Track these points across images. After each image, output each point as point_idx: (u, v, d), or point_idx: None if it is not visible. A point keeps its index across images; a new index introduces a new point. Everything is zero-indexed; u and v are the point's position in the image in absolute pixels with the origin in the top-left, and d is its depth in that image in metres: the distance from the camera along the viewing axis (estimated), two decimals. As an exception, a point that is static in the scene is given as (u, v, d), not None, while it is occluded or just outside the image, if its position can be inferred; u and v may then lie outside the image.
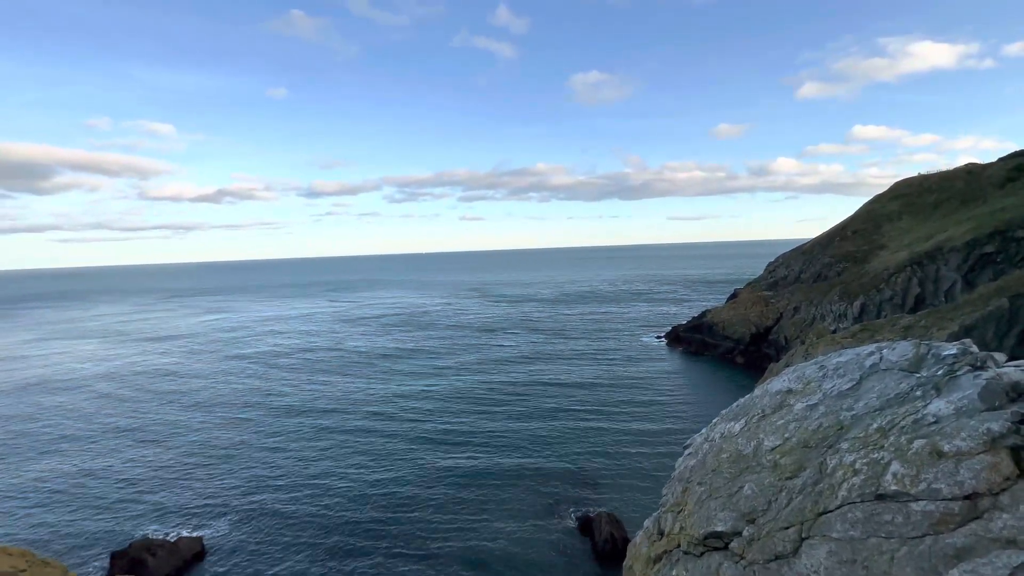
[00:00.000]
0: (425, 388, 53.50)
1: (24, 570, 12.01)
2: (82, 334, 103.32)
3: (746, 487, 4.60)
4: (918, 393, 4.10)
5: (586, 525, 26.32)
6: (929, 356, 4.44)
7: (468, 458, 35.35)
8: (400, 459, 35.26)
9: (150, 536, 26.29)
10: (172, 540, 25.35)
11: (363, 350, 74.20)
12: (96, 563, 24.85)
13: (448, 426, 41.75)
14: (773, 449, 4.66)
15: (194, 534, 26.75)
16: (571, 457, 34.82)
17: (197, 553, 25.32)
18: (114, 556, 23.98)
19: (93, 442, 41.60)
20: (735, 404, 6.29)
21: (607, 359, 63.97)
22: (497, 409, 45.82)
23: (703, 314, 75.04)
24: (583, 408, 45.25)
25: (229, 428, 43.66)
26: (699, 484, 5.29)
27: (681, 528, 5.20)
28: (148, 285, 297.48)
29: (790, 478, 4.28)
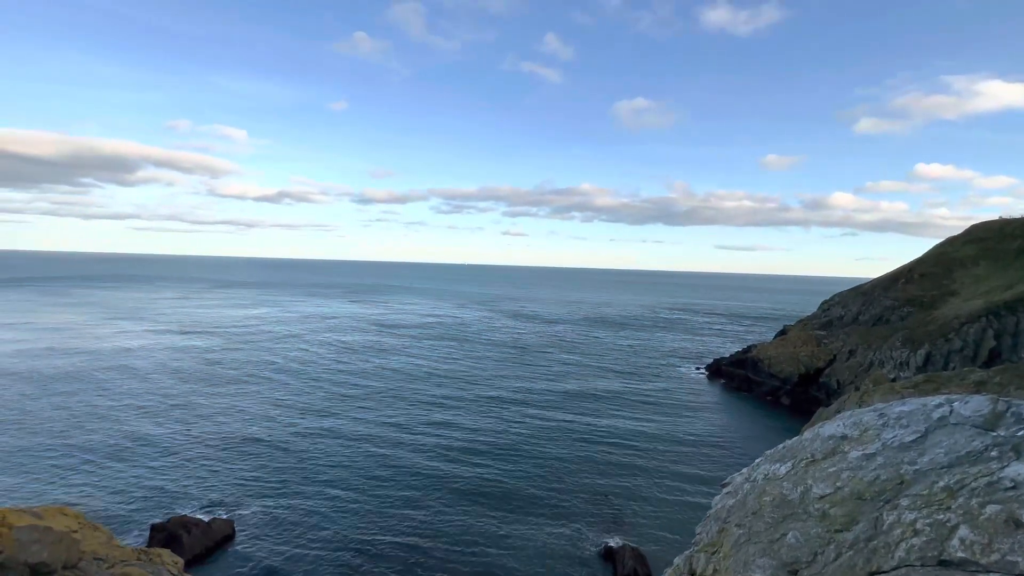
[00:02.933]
0: (454, 404, 53.84)
1: (76, 531, 12.83)
2: (151, 317, 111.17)
3: (790, 535, 4.31)
4: (993, 453, 3.74)
5: (609, 557, 25.42)
6: (1008, 414, 4.05)
7: (493, 478, 35.09)
8: (424, 474, 35.39)
9: (187, 514, 27.58)
10: (206, 520, 26.47)
11: (399, 359, 75.76)
12: (137, 532, 26.29)
13: (474, 445, 41.70)
14: (822, 497, 4.36)
15: (226, 516, 27.84)
16: (598, 485, 33.88)
17: (228, 535, 26.31)
18: (153, 528, 25.30)
19: (145, 420, 44.39)
20: (781, 445, 5.95)
21: (643, 387, 62.21)
22: (526, 432, 45.41)
23: (748, 348, 71.84)
24: (614, 435, 44.06)
25: (269, 421, 45.47)
26: (737, 526, 5.01)
27: (715, 570, 4.92)
28: (217, 276, 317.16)
29: (840, 531, 3.98)
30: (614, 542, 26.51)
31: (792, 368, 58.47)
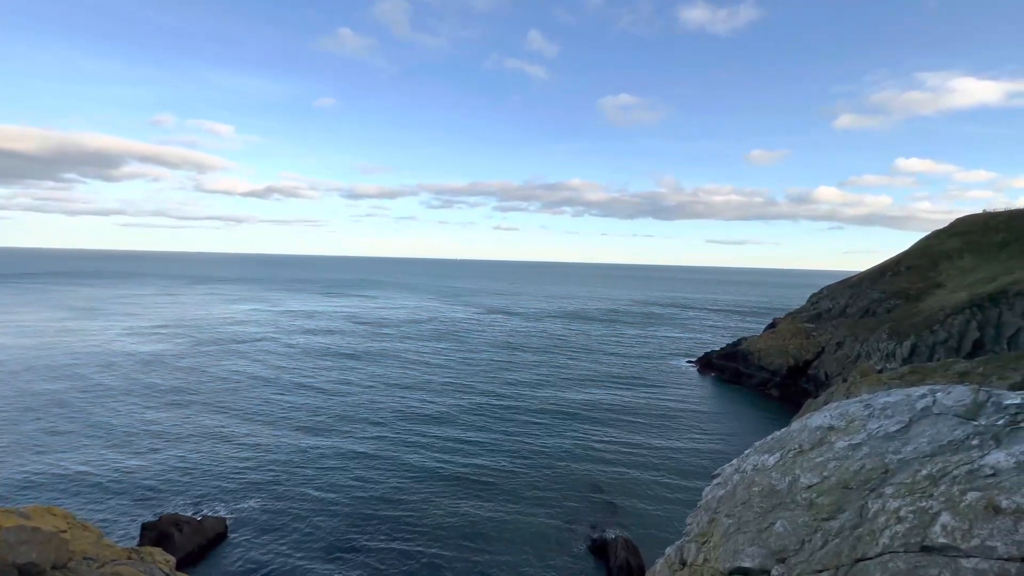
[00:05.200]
0: (443, 401, 53.87)
1: (65, 531, 12.71)
2: (134, 314, 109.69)
3: (778, 524, 4.40)
4: (975, 442, 3.83)
5: (601, 549, 25.66)
6: (989, 404, 4.15)
7: (484, 474, 35.23)
8: (414, 470, 35.36)
9: (178, 512, 27.37)
10: (198, 518, 26.29)
11: (387, 358, 75.54)
12: (127, 531, 26.07)
13: (464, 441, 41.76)
14: (810, 487, 4.45)
15: (219, 514, 27.68)
16: (589, 478, 34.15)
17: (220, 533, 26.16)
18: (144, 527, 25.07)
19: (133, 419, 43.91)
20: (770, 436, 6.04)
21: (634, 380, 62.67)
22: (516, 427, 45.59)
23: (738, 342, 72.59)
24: (606, 428, 44.39)
25: (259, 419, 45.19)
26: (727, 516, 5.09)
27: (705, 560, 5.01)
28: (204, 273, 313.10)
29: (827, 519, 4.07)
30: (606, 534, 26.78)
31: (781, 360, 59.21)
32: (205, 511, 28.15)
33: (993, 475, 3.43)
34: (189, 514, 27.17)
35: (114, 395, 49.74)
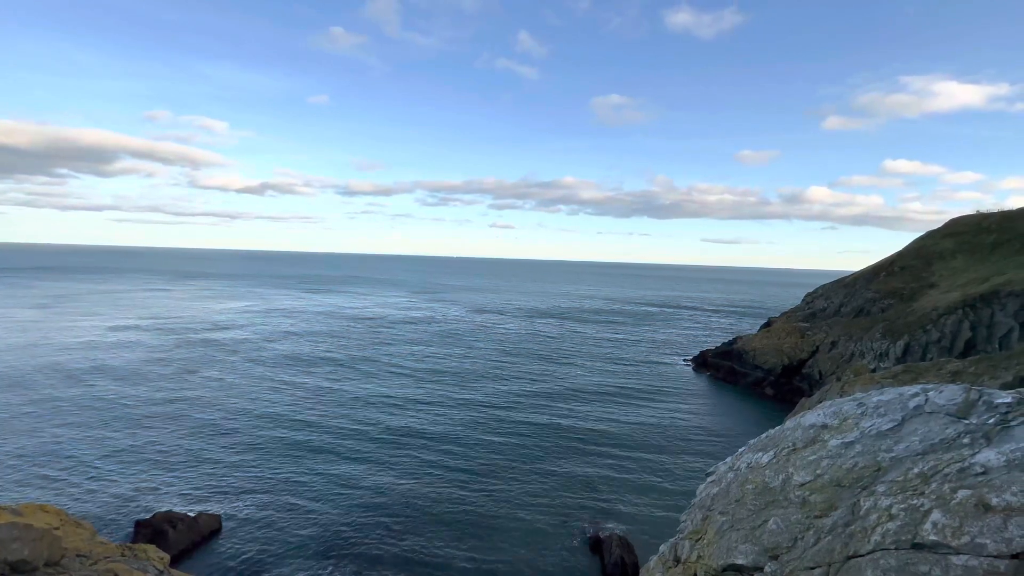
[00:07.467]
0: (436, 401, 53.88)
1: (58, 528, 12.64)
2: (125, 310, 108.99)
3: (771, 521, 4.43)
4: (966, 440, 3.87)
5: (596, 545, 25.78)
6: (980, 403, 4.19)
7: (479, 472, 35.28)
8: (409, 468, 35.40)
9: (172, 509, 27.26)
10: (192, 515, 26.21)
11: (378, 357, 75.49)
12: (121, 529, 25.95)
13: (460, 440, 41.81)
14: (803, 485, 4.48)
15: (213, 512, 27.59)
16: (584, 476, 34.26)
17: (215, 530, 26.11)
18: (138, 524, 24.98)
19: (126, 415, 43.68)
20: (764, 435, 6.08)
21: (629, 379, 62.86)
22: (512, 426, 45.65)
23: (733, 340, 72.90)
24: (601, 426, 44.52)
25: (252, 417, 45.05)
26: (721, 513, 5.13)
27: (699, 557, 5.04)
28: (199, 269, 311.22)
29: (819, 516, 4.10)
30: (601, 531, 26.90)
31: (776, 359, 59.53)
32: (199, 508, 28.05)
33: (984, 473, 3.46)
34: (183, 511, 27.08)
35: (103, 394, 49.42)
